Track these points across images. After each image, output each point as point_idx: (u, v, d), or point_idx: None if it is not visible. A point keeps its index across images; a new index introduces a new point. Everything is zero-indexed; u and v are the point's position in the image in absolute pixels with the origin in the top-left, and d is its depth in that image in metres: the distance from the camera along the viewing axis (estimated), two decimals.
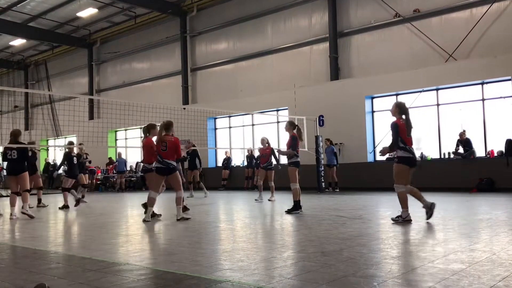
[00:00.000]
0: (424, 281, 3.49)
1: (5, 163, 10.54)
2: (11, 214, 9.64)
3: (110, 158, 23.73)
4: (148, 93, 23.74)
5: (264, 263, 4.36)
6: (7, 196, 19.14)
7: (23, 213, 9.42)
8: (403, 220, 6.74)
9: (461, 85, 14.63)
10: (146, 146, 8.69)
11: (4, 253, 5.56)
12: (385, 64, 16.19)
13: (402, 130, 6.80)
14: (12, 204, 9.66)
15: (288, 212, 8.70)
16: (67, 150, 12.75)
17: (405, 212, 6.77)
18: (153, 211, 8.57)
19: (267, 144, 12.32)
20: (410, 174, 6.88)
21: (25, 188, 9.64)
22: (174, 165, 8.10)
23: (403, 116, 6.90)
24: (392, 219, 6.90)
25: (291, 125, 9.17)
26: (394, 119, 6.95)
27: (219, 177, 19.63)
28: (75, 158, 12.34)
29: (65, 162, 12.37)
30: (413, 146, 6.92)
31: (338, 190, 15.40)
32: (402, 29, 15.98)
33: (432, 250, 4.74)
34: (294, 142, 8.95)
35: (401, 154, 6.76)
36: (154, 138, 8.53)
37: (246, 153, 19.10)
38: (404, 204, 6.79)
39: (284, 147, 10.79)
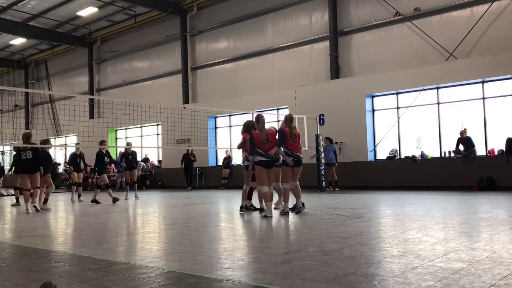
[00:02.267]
0: (425, 280, 3.49)
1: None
2: (27, 209, 10.36)
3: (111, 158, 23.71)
4: (148, 92, 23.74)
5: (265, 262, 4.36)
6: (8, 195, 19.21)
7: (34, 207, 10.47)
8: (284, 212, 8.02)
9: (461, 84, 14.62)
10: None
11: (5, 252, 5.57)
12: (386, 63, 16.18)
13: (286, 137, 8.14)
14: (27, 200, 10.46)
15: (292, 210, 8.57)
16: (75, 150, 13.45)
17: (285, 205, 8.05)
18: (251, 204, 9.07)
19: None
20: (295, 173, 8.31)
21: (36, 185, 10.70)
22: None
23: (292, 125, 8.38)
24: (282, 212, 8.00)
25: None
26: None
27: (219, 176, 19.64)
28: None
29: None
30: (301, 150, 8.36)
31: (338, 189, 15.40)
32: (402, 27, 15.97)
33: (433, 249, 4.74)
34: (280, 138, 8.32)
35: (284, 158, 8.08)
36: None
37: None
38: (285, 198, 8.15)
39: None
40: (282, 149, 8.16)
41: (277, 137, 8.35)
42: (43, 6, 22.75)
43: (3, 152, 32.39)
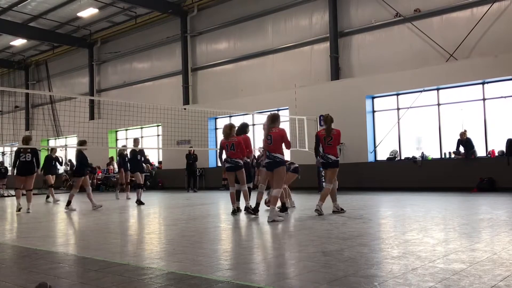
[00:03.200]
0: (425, 281, 3.49)
1: None
2: (28, 209, 10.66)
3: (111, 158, 23.74)
4: (149, 93, 23.74)
5: (265, 263, 4.36)
6: (8, 196, 19.22)
7: (28, 212, 10.59)
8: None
9: (462, 85, 14.62)
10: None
11: (5, 252, 5.57)
12: (386, 64, 16.19)
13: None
14: (18, 197, 10.90)
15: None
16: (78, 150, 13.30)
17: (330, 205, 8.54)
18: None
19: None
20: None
21: (30, 188, 10.90)
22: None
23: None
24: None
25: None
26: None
27: (219, 177, 19.64)
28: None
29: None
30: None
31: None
32: (402, 28, 15.97)
33: (433, 250, 4.74)
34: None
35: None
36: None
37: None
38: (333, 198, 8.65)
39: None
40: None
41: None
42: (44, 7, 22.76)
43: (3, 153, 32.42)
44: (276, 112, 8.50)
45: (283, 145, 7.77)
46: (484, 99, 14.35)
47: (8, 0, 21.95)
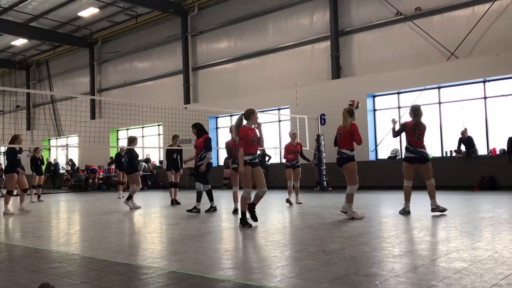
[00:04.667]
0: (426, 280, 3.49)
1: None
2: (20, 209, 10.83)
3: (112, 158, 23.75)
4: (150, 93, 23.75)
5: (266, 262, 4.36)
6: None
7: (22, 210, 10.72)
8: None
9: (463, 83, 14.60)
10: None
11: (6, 252, 5.57)
12: (387, 63, 16.17)
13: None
14: (7, 202, 10.72)
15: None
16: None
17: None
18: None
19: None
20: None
21: (24, 187, 10.95)
22: None
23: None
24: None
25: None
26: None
27: (220, 176, 19.63)
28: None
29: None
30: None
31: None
32: (403, 27, 15.95)
33: (434, 248, 4.73)
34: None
35: None
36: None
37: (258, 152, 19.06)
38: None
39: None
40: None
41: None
42: (45, 7, 22.78)
43: (4, 153, 32.41)
44: (350, 106, 8.11)
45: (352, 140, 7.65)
46: (485, 98, 14.34)
47: (9, 0, 21.96)
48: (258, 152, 12.37)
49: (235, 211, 8.98)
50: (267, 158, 18.52)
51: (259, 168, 7.09)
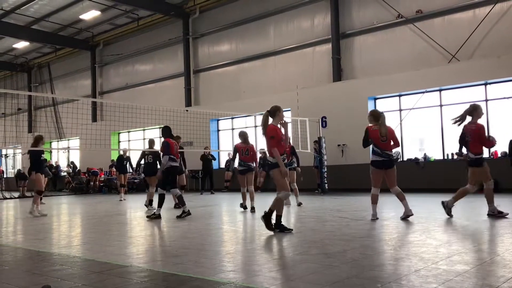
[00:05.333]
0: (428, 283, 3.48)
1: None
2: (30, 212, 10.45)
3: (113, 161, 23.76)
4: (151, 95, 23.78)
5: (267, 265, 4.35)
6: (10, 198, 19.26)
7: (31, 213, 10.31)
8: None
9: (464, 86, 14.59)
10: None
11: (8, 255, 5.58)
12: (388, 65, 16.17)
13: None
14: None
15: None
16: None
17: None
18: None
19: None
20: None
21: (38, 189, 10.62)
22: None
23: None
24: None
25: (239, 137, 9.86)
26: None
27: (222, 179, 19.63)
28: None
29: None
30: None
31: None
32: (404, 30, 15.96)
33: (436, 251, 4.73)
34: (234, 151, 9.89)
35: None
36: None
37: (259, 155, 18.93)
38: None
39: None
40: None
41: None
42: (46, 9, 22.84)
43: (6, 156, 32.48)
44: (376, 110, 8.11)
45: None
46: (486, 100, 14.32)
47: (11, 3, 22.03)
48: (259, 155, 12.51)
49: (245, 207, 9.65)
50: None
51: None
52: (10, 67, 31.10)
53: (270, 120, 6.65)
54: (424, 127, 15.70)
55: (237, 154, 9.82)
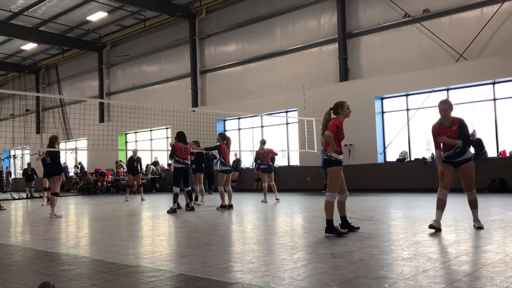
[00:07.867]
0: (436, 283, 3.46)
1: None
2: (51, 213, 10.35)
3: (120, 161, 23.86)
4: (158, 96, 23.87)
5: (274, 265, 4.35)
6: (19, 198, 19.41)
7: (53, 215, 10.17)
8: None
9: (472, 85, 14.51)
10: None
11: (17, 255, 5.62)
12: (395, 65, 16.12)
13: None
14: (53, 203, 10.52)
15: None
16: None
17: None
18: None
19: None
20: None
21: (54, 191, 10.49)
22: None
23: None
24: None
25: (220, 137, 11.51)
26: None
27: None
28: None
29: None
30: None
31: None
32: (411, 29, 15.90)
33: (444, 251, 4.70)
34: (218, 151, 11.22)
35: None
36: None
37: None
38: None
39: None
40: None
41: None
42: (54, 11, 22.99)
43: (14, 156, 32.71)
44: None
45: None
46: (494, 99, 14.23)
47: (19, 5, 22.20)
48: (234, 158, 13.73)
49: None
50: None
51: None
52: (18, 68, 31.35)
53: (333, 116, 6.20)
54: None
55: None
